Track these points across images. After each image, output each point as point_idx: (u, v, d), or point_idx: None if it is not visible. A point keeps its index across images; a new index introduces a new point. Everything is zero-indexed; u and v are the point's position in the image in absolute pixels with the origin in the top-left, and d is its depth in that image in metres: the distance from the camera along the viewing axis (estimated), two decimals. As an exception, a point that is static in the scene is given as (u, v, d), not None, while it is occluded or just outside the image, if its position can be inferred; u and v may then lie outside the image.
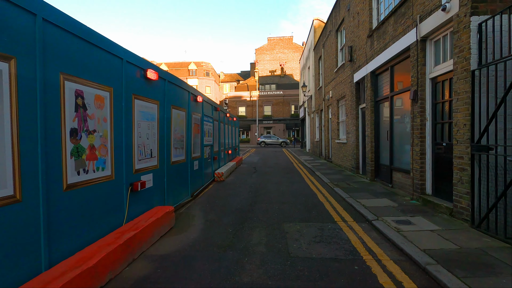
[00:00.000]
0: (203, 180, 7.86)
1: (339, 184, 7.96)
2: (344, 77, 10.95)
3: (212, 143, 9.19)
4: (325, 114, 14.91)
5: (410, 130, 6.00)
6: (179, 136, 5.89)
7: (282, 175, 10.27)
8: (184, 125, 6.17)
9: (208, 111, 8.66)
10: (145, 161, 4.45)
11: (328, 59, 13.97)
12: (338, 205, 5.80)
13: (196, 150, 7.23)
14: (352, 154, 10.02)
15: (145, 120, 4.44)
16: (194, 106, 6.95)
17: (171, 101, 5.46)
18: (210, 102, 8.86)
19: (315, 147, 18.63)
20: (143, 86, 4.38)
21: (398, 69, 6.83)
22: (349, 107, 10.28)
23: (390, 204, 5.55)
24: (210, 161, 8.89)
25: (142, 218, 3.98)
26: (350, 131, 10.27)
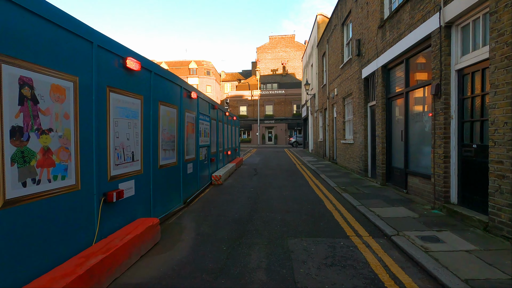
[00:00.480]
0: (198, 184, 7.19)
1: (347, 189, 7.26)
2: (351, 73, 10.25)
3: (209, 144, 8.52)
4: (330, 113, 14.21)
5: (430, 129, 5.30)
6: (169, 136, 5.22)
7: (285, 178, 9.58)
8: (175, 124, 5.50)
9: (205, 109, 7.99)
10: (125, 165, 3.78)
11: (333, 55, 13.27)
12: (349, 215, 5.11)
13: (190, 152, 6.56)
14: (359, 155, 9.32)
15: (124, 117, 3.77)
16: (187, 103, 6.28)
17: (159, 97, 4.78)
18: (206, 100, 8.19)
19: (319, 147, 17.93)
20: (121, 77, 3.71)
21: (414, 61, 6.13)
22: (357, 105, 9.58)
23: (409, 214, 4.85)
24: (206, 163, 8.22)
25: (118, 235, 3.31)
26: (357, 130, 9.57)
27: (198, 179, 7.16)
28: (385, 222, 4.43)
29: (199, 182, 7.28)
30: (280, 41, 49.60)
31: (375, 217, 4.76)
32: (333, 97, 13.20)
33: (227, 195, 7.01)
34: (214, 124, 9.33)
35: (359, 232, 4.22)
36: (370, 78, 8.61)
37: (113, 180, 3.51)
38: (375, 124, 8.17)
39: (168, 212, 5.11)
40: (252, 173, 11.07)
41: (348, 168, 10.76)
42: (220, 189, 7.87)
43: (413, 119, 6.21)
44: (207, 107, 8.33)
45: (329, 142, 14.42)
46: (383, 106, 7.44)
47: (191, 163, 6.56)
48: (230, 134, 13.22)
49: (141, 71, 4.16)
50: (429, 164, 5.43)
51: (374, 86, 8.32)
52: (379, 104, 7.59)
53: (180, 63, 44.82)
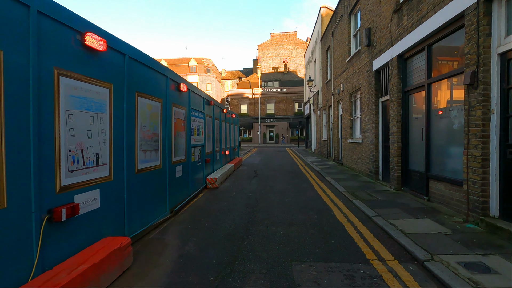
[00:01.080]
0: (189, 188, 6.37)
1: (358, 194, 6.43)
2: (359, 66, 9.39)
3: (204, 143, 7.70)
4: (335, 110, 13.35)
5: (462, 126, 4.46)
6: (150, 135, 4.39)
7: (287, 181, 8.75)
8: (159, 121, 4.68)
9: (198, 104, 7.17)
10: (85, 171, 2.96)
11: (338, 48, 12.40)
12: (365, 229, 4.27)
13: (180, 152, 5.74)
14: (369, 156, 8.47)
15: (84, 110, 2.95)
16: (176, 97, 5.46)
17: (137, 87, 3.96)
18: (200, 94, 7.36)
19: (322, 147, 17.08)
20: (78, 58, 2.89)
21: (439, 48, 5.28)
22: (366, 101, 8.72)
23: (439, 229, 4.01)
24: (200, 165, 7.40)
25: (68, 264, 2.49)
26: (367, 129, 8.72)
27: (189, 183, 6.33)
28: (412, 241, 3.59)
29: (191, 187, 6.46)
30: (282, 38, 48.67)
31: (397, 232, 3.92)
32: (339, 93, 12.34)
33: (222, 201, 6.19)
34: (209, 122, 8.50)
35: (381, 255, 3.38)
36: (382, 71, 7.75)
37: (65, 191, 2.69)
38: (388, 122, 7.32)
39: (149, 225, 4.29)
40: (252, 175, 10.24)
41: (356, 170, 9.92)
42: (215, 193, 7.05)
43: (437, 115, 5.35)
44: (201, 103, 7.50)
45: (334, 142, 13.57)
46: (399, 101, 6.58)
47: (180, 166, 5.74)
48: (228, 132, 12.39)
49: (109, 53, 3.34)
50: (459, 168, 4.59)
51: (387, 79, 7.47)
52: (393, 99, 6.73)
53: (179, 60, 43.99)
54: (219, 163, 10.15)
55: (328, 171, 10.32)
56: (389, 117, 7.31)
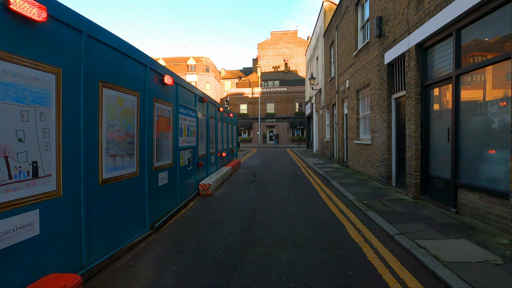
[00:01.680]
0: (177, 197, 5.53)
1: (371, 203, 5.59)
2: (368, 60, 8.55)
3: (196, 145, 6.86)
4: (339, 109, 12.51)
5: (505, 126, 3.62)
6: (122, 136, 3.56)
7: (289, 186, 7.91)
8: (135, 118, 3.84)
9: (189, 101, 6.33)
10: (13, 187, 2.13)
11: (343, 42, 11.56)
12: (388, 253, 3.43)
13: (164, 156, 4.90)
14: (380, 159, 7.63)
15: (11, 101, 2.12)
16: (158, 91, 4.63)
17: (101, 75, 3.13)
18: (191, 90, 6.52)
19: (325, 148, 16.24)
20: None
21: (471, 32, 4.44)
22: (376, 97, 7.88)
23: (483, 255, 3.16)
24: (191, 170, 6.56)
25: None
26: (377, 129, 7.88)
27: (177, 192, 5.50)
28: (456, 274, 2.75)
29: (179, 195, 5.62)
30: (282, 37, 47.87)
31: (431, 260, 3.08)
32: (344, 90, 11.50)
33: (214, 212, 5.35)
34: (203, 121, 7.67)
35: (418, 296, 2.54)
36: (396, 63, 6.91)
37: (-27, 218, 1.86)
38: (404, 121, 6.49)
39: (121, 247, 3.46)
40: (250, 179, 9.40)
41: (364, 174, 9.07)
42: (208, 202, 6.21)
43: (468, 112, 4.51)
44: (193, 99, 6.67)
45: (338, 142, 12.73)
46: (417, 96, 5.75)
47: (164, 172, 4.90)
48: (225, 133, 11.56)
49: (55, 27, 2.50)
50: (501, 176, 3.75)
51: (402, 72, 6.63)
52: (411, 94, 5.90)
53: (178, 59, 43.17)
54: (215, 166, 9.32)
55: (333, 175, 9.48)
56: (404, 116, 6.48)
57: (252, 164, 13.90)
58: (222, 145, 10.77)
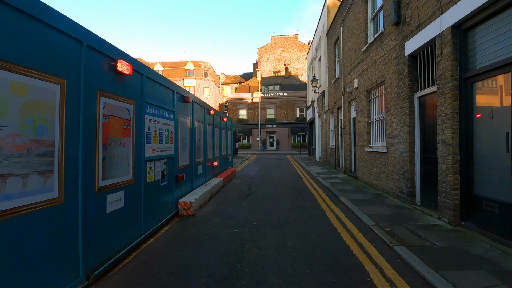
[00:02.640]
0: (142, 224, 4.20)
1: (396, 231, 4.25)
2: (382, 54, 7.29)
3: (174, 154, 5.55)
4: (345, 112, 11.22)
5: None
6: (24, 144, 2.26)
7: (289, 203, 6.56)
8: (55, 117, 2.55)
9: (163, 99, 5.05)
10: None
11: (350, 38, 10.34)
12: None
13: (119, 171, 3.59)
14: (400, 170, 6.30)
15: None
16: (107, 81, 3.35)
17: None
18: (167, 85, 5.24)
19: (329, 155, 14.90)
20: None
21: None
22: (394, 97, 6.59)
23: None
24: (167, 185, 5.23)
25: None
26: (394, 134, 6.57)
27: (141, 216, 4.17)
28: None
29: (145, 220, 4.29)
30: (283, 41, 47.00)
31: None
32: (351, 91, 10.22)
33: (190, 245, 4.01)
34: (186, 125, 6.38)
35: None
36: (421, 54, 5.64)
37: None
38: (432, 124, 5.20)
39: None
40: (244, 192, 8.06)
41: (377, 187, 7.72)
42: (186, 227, 4.88)
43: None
44: (170, 98, 5.39)
45: (345, 150, 11.40)
46: (454, 92, 4.45)
47: (119, 192, 3.58)
48: (218, 139, 10.27)
49: None
50: None
51: (429, 65, 5.36)
52: (445, 90, 4.60)
53: (176, 63, 42.20)
54: (203, 177, 8.00)
55: (341, 188, 8.13)
56: (433, 117, 5.19)
57: (249, 174, 12.55)
58: (214, 153, 9.46)
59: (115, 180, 3.50)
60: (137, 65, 4.01)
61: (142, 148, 4.21)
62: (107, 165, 3.34)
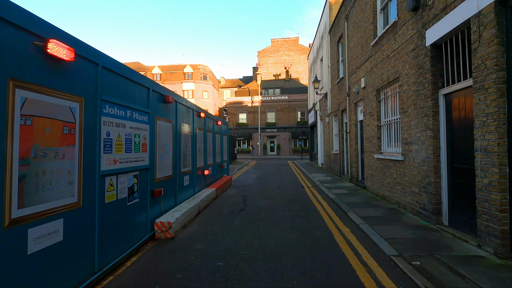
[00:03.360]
0: (96, 259, 3.20)
1: (429, 267, 3.25)
2: (395, 46, 6.34)
3: (149, 164, 4.57)
4: (351, 115, 10.24)
5: None
6: None
7: (289, 222, 5.55)
8: None
9: (133, 97, 4.10)
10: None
11: (356, 33, 9.41)
12: None
13: (53, 193, 2.61)
14: (421, 183, 5.30)
15: None
16: (31, 68, 2.40)
17: None
18: (136, 79, 4.28)
19: (332, 161, 13.89)
20: None
21: None
22: (412, 96, 5.62)
23: None
24: (137, 204, 4.24)
25: None
26: (413, 139, 5.59)
27: (94, 249, 3.18)
28: None
29: (100, 255, 3.28)
30: (283, 44, 46.31)
31: None
32: (357, 91, 9.26)
33: None
34: (167, 129, 5.42)
35: None
36: (448, 42, 4.68)
37: None
38: (463, 127, 4.22)
39: None
40: (238, 206, 7.06)
41: (392, 201, 6.70)
42: (160, 257, 3.88)
43: None
44: (144, 96, 4.43)
45: (351, 156, 10.39)
46: (500, 86, 3.48)
47: (54, 222, 2.60)
48: (211, 145, 9.30)
49: None
50: None
51: (460, 55, 4.39)
52: (487, 83, 3.62)
53: (174, 67, 41.47)
54: (191, 188, 7.00)
55: (349, 201, 7.11)
56: (466, 119, 4.21)
57: (246, 182, 11.55)
58: (205, 161, 8.48)
59: (45, 206, 2.52)
60: (87, 50, 3.06)
61: (97, 159, 3.23)
62: (30, 187, 2.36)
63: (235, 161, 24.61)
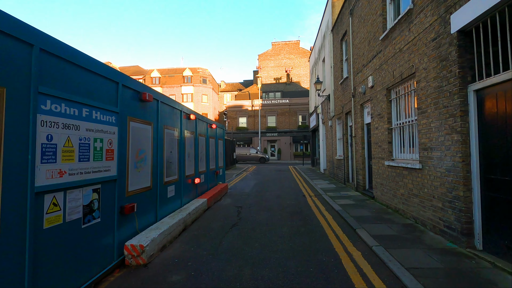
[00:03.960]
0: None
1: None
2: (410, 38, 5.54)
3: (116, 175, 3.75)
4: (357, 117, 9.42)
5: None
6: None
7: (288, 243, 4.69)
8: None
9: (94, 93, 3.30)
10: None
11: (362, 28, 8.63)
12: None
13: None
14: (445, 196, 4.45)
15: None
16: None
17: None
18: (100, 72, 3.47)
19: (336, 167, 13.03)
20: None
21: None
22: (433, 93, 4.80)
23: None
24: (101, 224, 3.41)
25: None
26: (434, 144, 4.75)
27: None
28: None
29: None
30: (284, 47, 45.70)
31: None
32: (364, 91, 8.45)
33: None
34: (144, 132, 4.60)
35: None
36: (480, 27, 3.86)
37: None
38: (505, 129, 3.38)
39: None
40: (231, 220, 6.21)
41: (407, 215, 5.84)
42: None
43: None
44: (110, 91, 3.63)
45: (357, 162, 9.53)
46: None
47: None
48: (204, 150, 8.48)
49: None
50: None
51: (497, 42, 3.57)
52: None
53: (173, 70, 40.87)
54: (177, 200, 6.17)
55: (357, 214, 6.26)
56: (508, 119, 3.37)
57: (243, 190, 10.69)
58: (196, 168, 7.65)
59: None
60: (14, 26, 2.26)
61: (29, 171, 2.41)
62: None
63: (234, 167, 23.75)
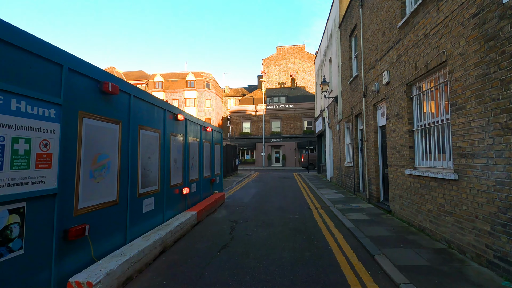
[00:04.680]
0: None
1: None
2: (438, 20, 4.55)
3: (56, 188, 2.79)
4: (369, 119, 8.38)
5: None
6: None
7: (288, 276, 3.65)
8: None
9: (26, 76, 2.35)
10: None
11: (375, 18, 7.66)
12: None
13: None
14: (495, 217, 3.39)
15: None
16: None
17: None
18: (28, 47, 2.54)
19: (344, 175, 11.93)
20: None
21: None
22: (474, 84, 3.79)
23: None
24: (27, 256, 2.43)
25: None
26: (477, 149, 3.70)
27: None
28: None
29: None
30: (289, 52, 44.99)
31: None
32: (377, 89, 7.43)
33: None
34: (108, 133, 3.66)
35: None
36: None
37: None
38: None
39: None
40: (222, 238, 5.18)
41: (436, 236, 4.74)
42: None
43: None
44: (50, 75, 2.70)
45: (369, 170, 8.45)
46: None
47: None
48: (196, 155, 7.52)
49: None
50: None
51: None
52: None
53: (176, 75, 40.36)
54: (158, 215, 5.19)
55: (373, 234, 5.19)
56: None
57: (242, 200, 9.67)
58: (185, 176, 6.68)
59: None
60: None
61: None
62: None
63: (236, 173, 22.75)
